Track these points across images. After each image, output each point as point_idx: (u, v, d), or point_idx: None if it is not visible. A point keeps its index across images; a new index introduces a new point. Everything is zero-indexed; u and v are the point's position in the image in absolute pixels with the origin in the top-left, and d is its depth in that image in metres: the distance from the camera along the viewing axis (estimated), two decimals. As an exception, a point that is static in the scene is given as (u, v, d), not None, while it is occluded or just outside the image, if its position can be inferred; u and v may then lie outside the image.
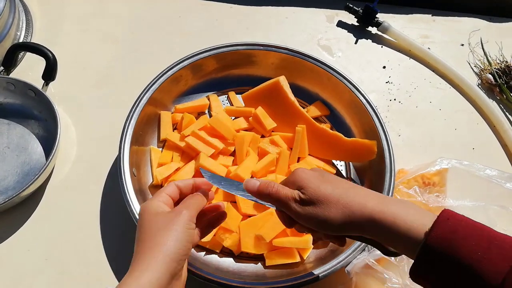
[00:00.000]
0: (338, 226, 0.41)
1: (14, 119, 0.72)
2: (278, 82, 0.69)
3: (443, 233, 0.36)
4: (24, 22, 0.82)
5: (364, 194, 0.41)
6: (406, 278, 0.49)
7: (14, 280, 0.61)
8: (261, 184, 0.45)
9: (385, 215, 0.38)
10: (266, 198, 0.44)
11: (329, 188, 0.42)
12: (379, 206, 0.39)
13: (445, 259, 0.35)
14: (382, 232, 0.39)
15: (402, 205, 0.39)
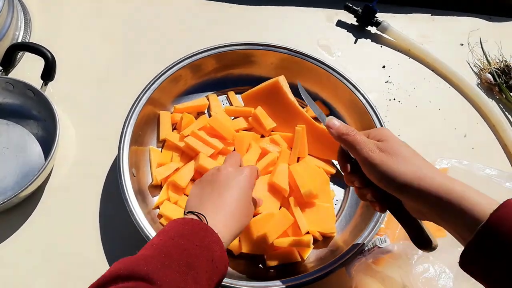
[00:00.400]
0: (403, 184, 0.41)
1: (13, 119, 0.72)
2: (278, 82, 0.69)
3: (508, 215, 0.35)
4: (23, 22, 0.82)
5: (436, 169, 0.42)
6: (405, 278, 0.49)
7: (14, 280, 0.60)
8: (341, 125, 0.47)
9: (454, 188, 0.39)
10: (342, 137, 0.46)
11: (408, 149, 0.44)
12: (449, 180, 0.40)
13: (505, 242, 0.34)
14: (445, 205, 0.39)
15: (469, 186, 0.40)
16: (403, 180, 0.41)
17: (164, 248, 0.40)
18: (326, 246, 0.63)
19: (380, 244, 0.56)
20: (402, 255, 0.51)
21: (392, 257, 0.52)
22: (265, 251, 0.61)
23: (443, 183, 0.39)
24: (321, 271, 0.56)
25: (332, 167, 0.69)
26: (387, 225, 0.60)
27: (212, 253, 0.42)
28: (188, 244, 0.41)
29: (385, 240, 0.57)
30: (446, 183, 0.39)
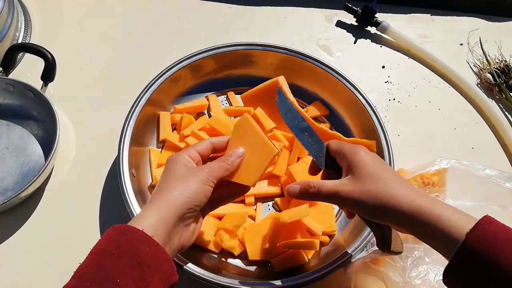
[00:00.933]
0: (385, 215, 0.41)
1: (13, 120, 0.72)
2: (277, 82, 0.69)
3: (484, 234, 0.36)
4: (23, 23, 0.82)
5: (416, 190, 0.42)
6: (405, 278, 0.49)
7: (14, 280, 0.61)
8: (301, 186, 0.46)
9: (431, 211, 0.39)
10: (310, 199, 0.47)
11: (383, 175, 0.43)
12: (427, 201, 0.40)
13: (482, 260, 0.35)
14: (423, 227, 0.39)
15: (447, 206, 0.40)
16: (379, 211, 0.41)
17: (80, 272, 0.38)
18: (327, 245, 0.63)
19: (380, 244, 0.56)
20: (400, 255, 0.51)
21: (391, 258, 0.52)
22: (272, 256, 0.61)
23: (420, 206, 0.40)
24: (320, 271, 0.56)
25: (332, 167, 0.69)
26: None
27: (136, 255, 0.38)
28: (102, 257, 0.38)
29: (384, 240, 0.57)
30: (422, 205, 0.40)
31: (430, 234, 0.39)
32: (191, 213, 0.44)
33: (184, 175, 0.45)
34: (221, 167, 0.47)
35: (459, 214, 0.39)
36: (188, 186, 0.44)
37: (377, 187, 0.42)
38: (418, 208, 0.40)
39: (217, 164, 0.47)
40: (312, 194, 0.45)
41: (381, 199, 0.41)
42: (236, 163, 0.48)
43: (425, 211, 0.39)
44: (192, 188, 0.44)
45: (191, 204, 0.44)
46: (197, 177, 0.45)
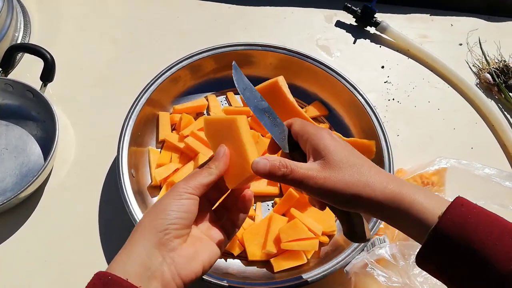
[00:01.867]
0: (357, 204, 0.39)
1: (12, 120, 0.72)
2: (277, 82, 0.69)
3: (456, 217, 0.36)
4: (22, 23, 0.82)
5: (385, 175, 0.40)
6: (405, 277, 0.49)
7: (13, 281, 0.60)
8: (272, 164, 0.40)
9: (404, 197, 0.38)
10: (279, 179, 0.40)
11: (354, 160, 0.40)
12: (399, 188, 0.39)
13: (455, 244, 0.35)
14: (396, 214, 0.38)
15: (419, 189, 0.39)
16: (355, 200, 0.39)
17: None
18: (327, 245, 0.62)
19: (379, 244, 0.56)
20: (400, 254, 0.51)
21: (391, 257, 0.52)
22: (272, 256, 0.60)
23: (391, 192, 0.38)
24: (321, 271, 0.56)
25: (331, 167, 0.69)
26: (386, 225, 0.60)
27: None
28: None
29: (384, 240, 0.57)
30: (396, 191, 0.38)
31: (403, 220, 0.38)
32: (168, 235, 0.38)
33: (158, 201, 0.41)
34: (201, 174, 0.42)
35: (431, 198, 0.38)
36: (157, 207, 0.40)
37: (352, 175, 0.39)
38: (391, 194, 0.38)
39: (196, 171, 0.43)
40: (283, 175, 0.39)
41: (356, 188, 0.39)
42: (221, 166, 0.43)
43: (398, 198, 0.38)
44: (160, 208, 0.39)
45: (163, 225, 0.38)
46: (168, 195, 0.40)
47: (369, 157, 0.65)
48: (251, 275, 0.60)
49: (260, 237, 0.60)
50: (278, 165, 0.40)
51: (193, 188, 0.41)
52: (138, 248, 0.38)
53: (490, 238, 0.34)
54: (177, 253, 0.39)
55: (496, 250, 0.34)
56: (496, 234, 0.34)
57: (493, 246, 0.34)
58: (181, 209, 0.39)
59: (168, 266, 0.38)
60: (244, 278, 0.58)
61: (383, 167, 0.63)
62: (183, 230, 0.39)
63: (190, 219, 0.40)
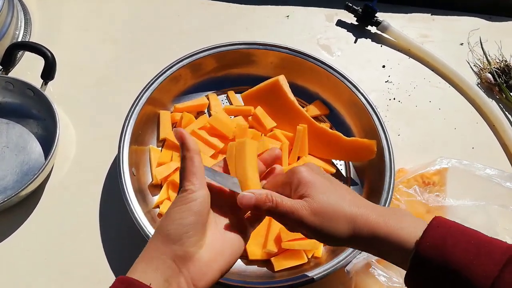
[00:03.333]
0: (343, 241, 0.40)
1: (13, 119, 0.72)
2: (278, 82, 0.69)
3: (433, 240, 0.36)
4: (23, 21, 0.82)
5: (366, 206, 0.40)
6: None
7: (13, 280, 0.60)
8: (257, 198, 0.40)
9: (380, 229, 0.39)
10: (264, 213, 0.40)
11: (336, 198, 0.40)
12: (378, 219, 0.39)
13: (436, 266, 0.36)
14: (380, 246, 0.39)
15: (396, 216, 0.39)
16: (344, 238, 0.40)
17: None
18: (327, 246, 0.62)
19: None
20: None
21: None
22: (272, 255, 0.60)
23: (372, 227, 0.39)
24: (321, 270, 0.56)
25: (332, 166, 0.69)
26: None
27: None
28: None
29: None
30: (374, 225, 0.39)
31: (385, 251, 0.39)
32: (183, 245, 0.37)
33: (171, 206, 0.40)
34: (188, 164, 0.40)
35: (408, 223, 0.38)
36: (170, 216, 0.38)
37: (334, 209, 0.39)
38: (373, 228, 0.39)
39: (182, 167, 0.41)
40: (268, 208, 0.40)
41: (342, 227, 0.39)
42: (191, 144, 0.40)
43: (376, 232, 0.39)
44: (171, 217, 0.38)
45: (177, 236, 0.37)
46: (175, 202, 0.39)
47: (370, 156, 0.65)
48: (251, 274, 0.60)
49: (260, 237, 0.60)
50: (263, 199, 0.40)
51: (199, 184, 0.39)
52: (155, 261, 0.37)
53: (467, 257, 0.35)
54: (193, 263, 0.37)
55: (474, 269, 0.34)
56: (473, 252, 0.35)
57: (471, 265, 0.35)
58: (191, 213, 0.38)
59: (185, 277, 0.37)
60: (245, 277, 0.58)
61: (384, 167, 0.63)
62: (198, 236, 0.38)
63: (203, 222, 0.38)
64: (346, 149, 0.67)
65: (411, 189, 0.62)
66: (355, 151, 0.67)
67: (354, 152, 0.67)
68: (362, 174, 0.69)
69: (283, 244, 0.59)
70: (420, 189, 0.61)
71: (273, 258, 0.60)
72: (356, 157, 0.68)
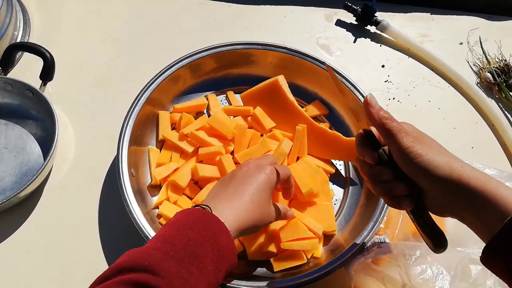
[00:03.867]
0: (442, 176, 0.41)
1: (12, 119, 0.72)
2: (277, 82, 0.69)
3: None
4: (22, 21, 0.82)
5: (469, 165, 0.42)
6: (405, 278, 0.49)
7: (13, 281, 0.60)
8: (381, 108, 0.45)
9: (490, 182, 0.39)
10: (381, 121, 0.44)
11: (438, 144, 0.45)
12: (484, 174, 0.41)
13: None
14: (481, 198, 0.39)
15: (502, 183, 0.40)
16: (442, 173, 0.41)
17: (168, 239, 0.41)
18: (327, 245, 0.62)
19: (379, 244, 0.56)
20: (400, 255, 0.51)
21: (391, 257, 0.52)
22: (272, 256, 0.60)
23: (479, 177, 0.40)
24: (320, 270, 0.56)
25: (332, 166, 0.69)
26: (386, 225, 0.60)
27: (217, 243, 0.42)
28: (192, 233, 0.42)
29: (384, 240, 0.57)
30: (481, 176, 0.40)
31: (486, 206, 0.39)
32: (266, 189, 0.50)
33: (266, 203, 0.51)
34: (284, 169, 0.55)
35: (508, 188, 0.39)
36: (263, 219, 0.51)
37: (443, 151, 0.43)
38: (478, 178, 0.40)
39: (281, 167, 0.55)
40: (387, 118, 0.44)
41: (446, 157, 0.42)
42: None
43: (484, 183, 0.39)
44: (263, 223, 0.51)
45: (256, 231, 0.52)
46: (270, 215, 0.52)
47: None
48: (251, 275, 0.60)
49: (260, 237, 0.60)
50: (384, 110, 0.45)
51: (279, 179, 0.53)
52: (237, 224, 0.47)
53: None
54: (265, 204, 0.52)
55: None
56: None
57: None
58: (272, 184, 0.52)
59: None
60: (244, 278, 0.58)
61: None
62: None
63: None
64: (345, 149, 0.67)
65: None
66: (354, 151, 0.66)
67: (354, 152, 0.66)
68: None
69: (283, 244, 0.59)
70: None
71: (272, 259, 0.60)
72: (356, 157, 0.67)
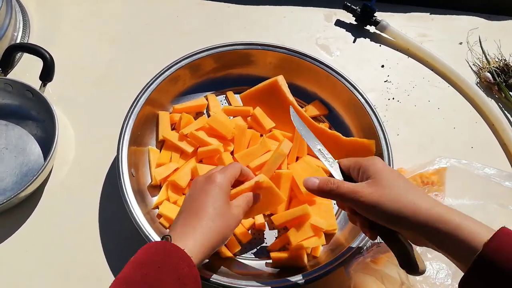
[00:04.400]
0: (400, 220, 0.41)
1: (12, 120, 0.72)
2: (276, 82, 0.69)
3: (502, 245, 0.37)
4: (21, 22, 0.82)
5: (432, 199, 0.43)
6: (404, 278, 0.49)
7: (12, 281, 0.61)
8: (320, 181, 0.46)
9: (451, 219, 0.40)
10: (327, 194, 0.46)
11: (399, 181, 0.44)
12: (446, 209, 0.41)
13: (500, 271, 0.36)
14: (443, 235, 0.39)
15: (464, 215, 0.41)
16: (399, 216, 0.41)
17: (124, 281, 0.41)
18: (327, 244, 0.63)
19: (378, 243, 0.56)
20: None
21: (391, 256, 0.52)
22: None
23: (439, 214, 0.40)
24: (320, 270, 0.56)
25: (331, 166, 0.69)
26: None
27: (177, 271, 0.41)
28: (148, 269, 0.41)
29: (384, 239, 0.57)
30: (442, 213, 0.40)
31: (447, 242, 0.40)
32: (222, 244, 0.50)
33: (224, 209, 0.49)
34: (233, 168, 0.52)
35: (477, 224, 0.39)
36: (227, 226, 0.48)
37: (397, 192, 0.42)
38: (437, 215, 0.40)
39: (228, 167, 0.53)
40: (330, 190, 0.45)
41: (400, 203, 0.42)
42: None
43: (444, 219, 0.40)
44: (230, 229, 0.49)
45: (225, 240, 0.49)
46: (234, 218, 0.49)
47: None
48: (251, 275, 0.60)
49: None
50: (325, 181, 0.46)
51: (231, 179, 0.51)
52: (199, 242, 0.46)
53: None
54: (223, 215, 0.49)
55: None
56: None
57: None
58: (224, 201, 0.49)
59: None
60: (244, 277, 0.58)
61: (383, 167, 0.63)
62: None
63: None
64: (345, 149, 0.67)
65: (410, 189, 0.62)
66: (354, 151, 0.67)
67: (353, 152, 0.67)
68: (361, 174, 0.68)
69: (293, 246, 0.59)
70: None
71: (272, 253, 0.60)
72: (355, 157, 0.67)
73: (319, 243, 0.60)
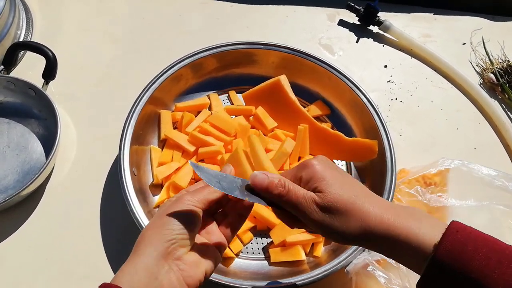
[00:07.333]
0: (353, 239, 0.39)
1: (14, 118, 0.72)
2: (279, 81, 0.69)
3: (452, 246, 0.35)
4: (25, 21, 0.82)
5: (380, 204, 0.39)
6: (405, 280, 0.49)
7: (14, 279, 0.61)
8: (270, 181, 0.39)
9: (399, 229, 0.37)
10: (274, 198, 0.40)
11: (349, 193, 0.39)
12: (394, 218, 0.38)
13: (453, 273, 0.34)
14: (393, 248, 0.38)
15: (415, 217, 0.38)
16: (353, 236, 0.38)
17: None
18: (328, 245, 0.62)
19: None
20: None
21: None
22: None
23: (389, 227, 0.37)
24: (321, 271, 0.55)
25: (333, 166, 0.69)
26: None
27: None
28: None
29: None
30: (390, 225, 0.37)
31: (402, 253, 0.38)
32: (174, 244, 0.38)
33: (163, 211, 0.41)
34: (208, 190, 0.42)
35: (426, 224, 0.37)
36: (163, 218, 0.39)
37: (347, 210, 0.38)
38: (388, 229, 0.37)
39: (203, 186, 0.43)
40: (279, 194, 0.39)
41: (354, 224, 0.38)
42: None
43: (393, 232, 0.37)
44: (166, 219, 0.39)
45: (170, 236, 0.38)
46: (173, 206, 0.40)
47: (371, 157, 0.65)
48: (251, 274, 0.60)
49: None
50: (276, 183, 0.39)
51: (199, 201, 0.41)
52: (145, 259, 0.37)
53: (488, 266, 0.33)
54: (183, 261, 0.39)
55: (494, 279, 0.33)
56: (494, 261, 0.33)
57: (492, 274, 0.33)
58: (187, 221, 0.39)
59: (175, 273, 0.38)
60: (244, 277, 0.58)
61: (385, 167, 0.63)
62: (188, 240, 0.39)
63: (195, 230, 0.40)
64: (347, 149, 0.67)
65: (413, 190, 0.62)
66: (356, 151, 0.66)
67: (356, 152, 0.67)
68: (364, 175, 0.68)
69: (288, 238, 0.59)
70: (422, 190, 0.61)
71: (271, 250, 0.61)
72: (358, 157, 0.67)
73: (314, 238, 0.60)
